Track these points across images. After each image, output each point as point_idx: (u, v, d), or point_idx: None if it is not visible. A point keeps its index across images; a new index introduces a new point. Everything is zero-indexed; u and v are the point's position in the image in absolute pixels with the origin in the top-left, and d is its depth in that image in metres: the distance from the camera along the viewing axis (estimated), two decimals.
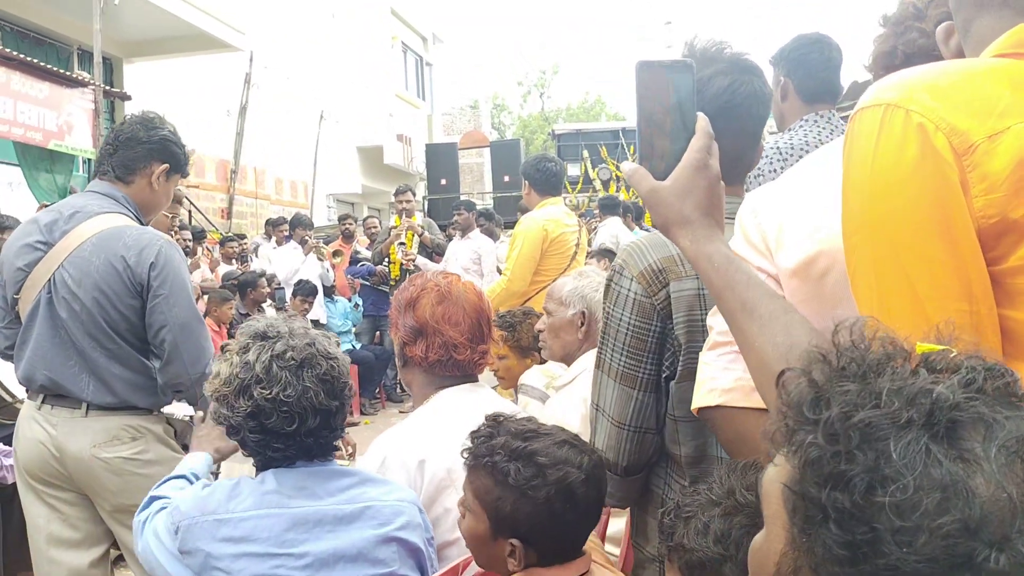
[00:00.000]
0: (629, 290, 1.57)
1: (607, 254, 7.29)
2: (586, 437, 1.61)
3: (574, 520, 1.48)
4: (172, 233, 4.06)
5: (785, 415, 0.71)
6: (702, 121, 1.17)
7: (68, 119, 8.40)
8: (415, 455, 1.90)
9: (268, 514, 1.70)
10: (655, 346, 1.55)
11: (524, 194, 5.17)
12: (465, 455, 1.53)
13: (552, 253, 4.93)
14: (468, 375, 2.12)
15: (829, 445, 0.64)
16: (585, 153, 14.59)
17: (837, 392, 0.67)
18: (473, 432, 1.54)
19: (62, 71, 8.65)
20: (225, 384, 1.73)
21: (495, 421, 1.55)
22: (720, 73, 1.57)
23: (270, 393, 1.67)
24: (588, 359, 2.77)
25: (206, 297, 7.26)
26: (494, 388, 3.07)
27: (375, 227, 10.07)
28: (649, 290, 1.54)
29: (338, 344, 1.87)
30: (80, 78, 8.78)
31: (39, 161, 8.63)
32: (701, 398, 1.28)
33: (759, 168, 2.56)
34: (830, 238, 1.12)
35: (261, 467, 1.80)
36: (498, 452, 1.48)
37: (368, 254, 9.35)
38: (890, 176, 0.96)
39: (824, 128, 2.67)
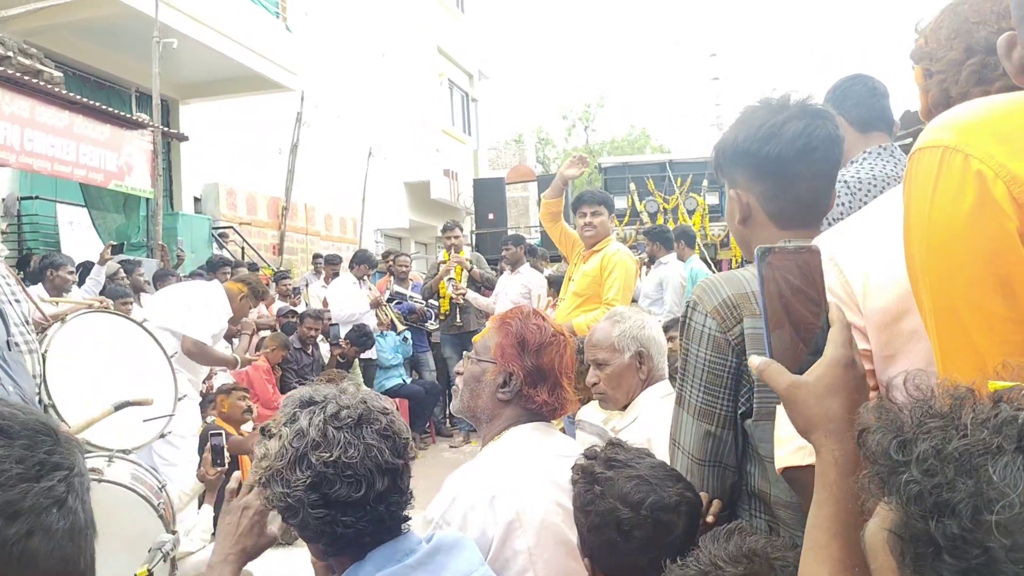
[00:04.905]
0: (704, 326, 1.56)
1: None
2: None
3: (629, 552, 1.50)
4: None
5: (876, 466, 0.72)
6: (835, 310, 1.07)
7: (128, 160, 8.64)
8: (486, 492, 1.88)
9: None
10: (731, 382, 1.54)
11: (600, 222, 5.04)
12: (573, 468, 1.64)
13: (633, 287, 5.05)
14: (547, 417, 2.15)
15: (927, 479, 0.65)
16: (632, 186, 14.56)
17: (922, 432, 0.68)
18: (586, 450, 1.66)
19: (122, 113, 8.91)
20: (277, 459, 1.52)
21: (607, 445, 1.65)
22: (793, 118, 1.55)
23: (331, 456, 1.47)
24: (646, 398, 2.72)
25: (261, 334, 7.36)
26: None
27: (405, 265, 10.02)
28: (723, 326, 1.53)
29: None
30: (139, 120, 9.03)
31: (104, 201, 8.90)
32: (787, 457, 1.23)
33: None
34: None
35: (330, 551, 1.58)
36: (581, 472, 1.60)
37: (402, 290, 9.40)
38: (947, 226, 0.93)
39: (888, 162, 2.62)
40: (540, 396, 2.05)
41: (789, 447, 1.23)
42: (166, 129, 9.84)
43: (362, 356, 8.28)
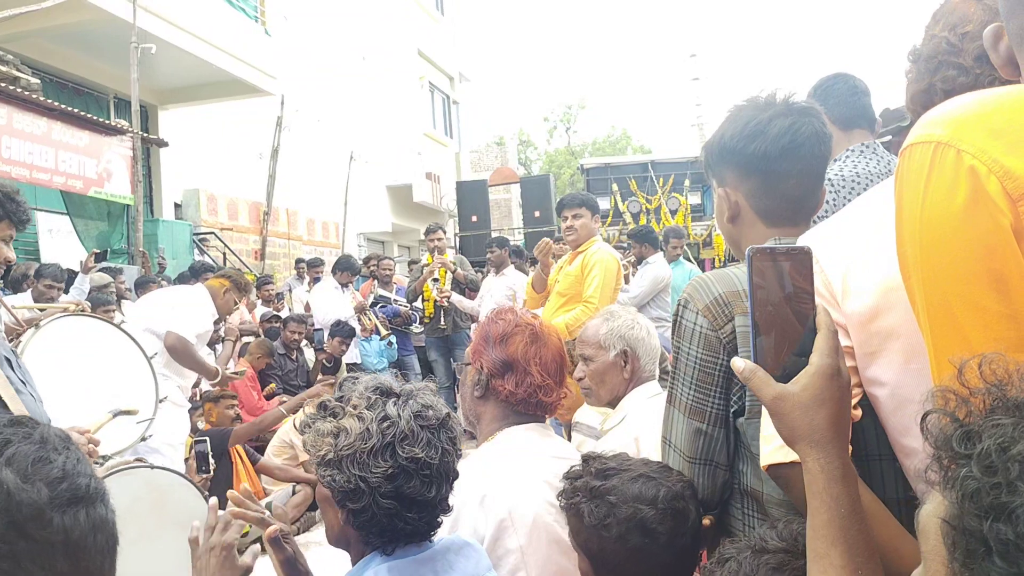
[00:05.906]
0: (695, 324, 1.55)
1: None
2: None
3: (657, 552, 1.49)
4: None
5: (936, 453, 0.70)
6: (823, 314, 1.06)
7: (107, 166, 8.57)
8: (477, 491, 1.89)
9: None
10: (722, 380, 1.54)
11: (581, 225, 5.09)
12: (559, 498, 1.60)
13: (617, 286, 5.03)
14: (539, 416, 2.13)
15: (987, 477, 0.63)
16: (614, 186, 14.61)
17: (989, 426, 0.66)
18: (566, 473, 1.61)
19: (101, 119, 8.84)
20: (360, 440, 1.49)
21: (584, 461, 1.62)
22: (779, 115, 1.56)
23: (416, 453, 1.49)
24: (634, 398, 2.71)
25: (244, 340, 7.31)
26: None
27: (389, 269, 9.96)
28: (715, 323, 1.53)
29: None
30: (119, 126, 8.96)
31: (87, 209, 8.81)
32: (772, 454, 1.23)
33: None
34: (896, 289, 1.08)
35: (371, 542, 1.56)
36: (578, 493, 1.56)
37: (386, 294, 9.37)
38: (940, 222, 0.92)
39: (871, 159, 2.64)
40: (506, 387, 2.03)
41: (773, 444, 1.23)
42: (145, 135, 9.76)
43: (347, 360, 8.25)
